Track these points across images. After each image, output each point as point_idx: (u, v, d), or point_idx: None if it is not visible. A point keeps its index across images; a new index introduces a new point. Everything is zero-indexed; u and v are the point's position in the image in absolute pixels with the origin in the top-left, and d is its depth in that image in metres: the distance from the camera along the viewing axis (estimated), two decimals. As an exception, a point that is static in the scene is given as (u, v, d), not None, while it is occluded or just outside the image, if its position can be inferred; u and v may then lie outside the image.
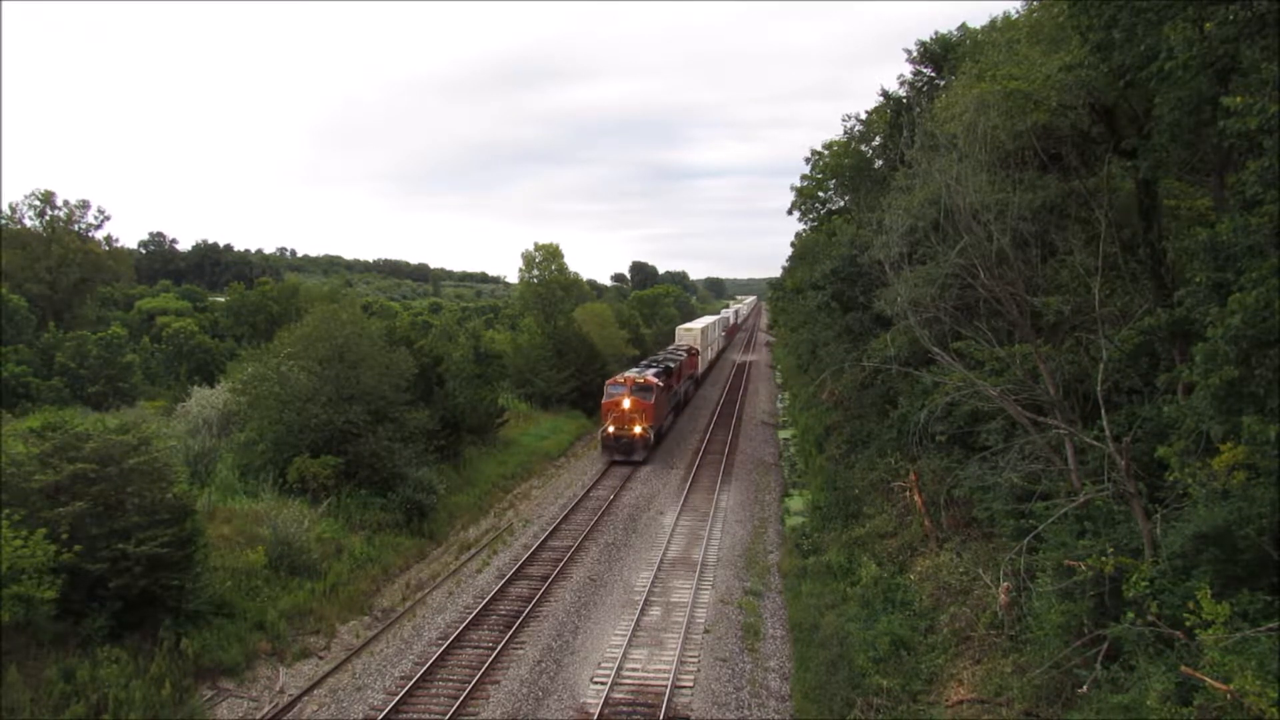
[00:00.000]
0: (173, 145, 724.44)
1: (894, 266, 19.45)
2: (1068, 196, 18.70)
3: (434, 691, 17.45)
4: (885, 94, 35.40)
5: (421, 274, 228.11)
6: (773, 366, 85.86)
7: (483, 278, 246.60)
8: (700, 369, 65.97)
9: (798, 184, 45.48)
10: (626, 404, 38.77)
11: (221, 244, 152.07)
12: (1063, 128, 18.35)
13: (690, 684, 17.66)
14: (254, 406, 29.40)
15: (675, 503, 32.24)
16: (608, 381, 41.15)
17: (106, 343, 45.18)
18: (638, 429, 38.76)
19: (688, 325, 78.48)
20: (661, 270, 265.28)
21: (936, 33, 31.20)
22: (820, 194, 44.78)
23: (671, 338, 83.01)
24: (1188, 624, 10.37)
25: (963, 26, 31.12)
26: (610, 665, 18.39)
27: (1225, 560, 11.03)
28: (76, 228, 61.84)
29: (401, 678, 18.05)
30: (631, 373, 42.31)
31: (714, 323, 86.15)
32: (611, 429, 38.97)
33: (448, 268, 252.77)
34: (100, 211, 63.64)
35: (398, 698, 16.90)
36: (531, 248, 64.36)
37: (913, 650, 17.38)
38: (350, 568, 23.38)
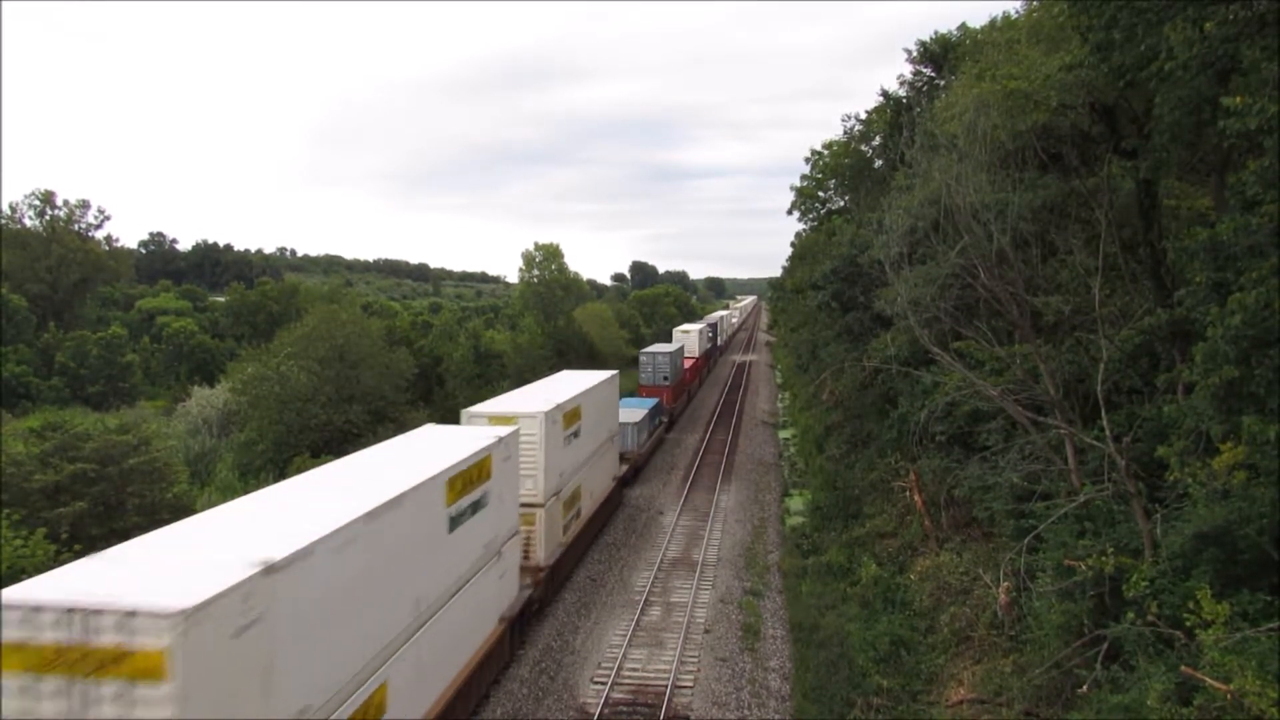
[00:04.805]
0: (173, 145, 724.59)
1: (894, 266, 19.45)
2: (1068, 196, 18.71)
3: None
4: (885, 94, 35.53)
5: (421, 274, 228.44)
6: (773, 366, 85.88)
7: (483, 278, 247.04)
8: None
9: (798, 184, 45.64)
10: None
11: (221, 244, 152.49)
12: (1063, 128, 18.36)
13: (690, 684, 17.65)
14: (254, 406, 29.48)
15: (675, 502, 32.22)
16: None
17: (106, 343, 45.24)
18: None
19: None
20: (662, 270, 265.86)
21: (936, 33, 31.33)
22: (820, 194, 44.93)
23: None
24: (1188, 624, 10.38)
25: (962, 26, 31.23)
26: (610, 665, 18.38)
27: (1225, 560, 11.04)
28: (76, 227, 61.90)
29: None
30: None
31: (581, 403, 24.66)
32: None
33: (448, 268, 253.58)
34: (100, 211, 63.85)
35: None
36: (531, 248, 64.53)
37: (913, 650, 17.41)
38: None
